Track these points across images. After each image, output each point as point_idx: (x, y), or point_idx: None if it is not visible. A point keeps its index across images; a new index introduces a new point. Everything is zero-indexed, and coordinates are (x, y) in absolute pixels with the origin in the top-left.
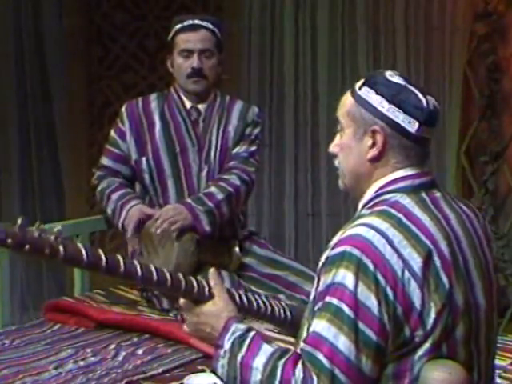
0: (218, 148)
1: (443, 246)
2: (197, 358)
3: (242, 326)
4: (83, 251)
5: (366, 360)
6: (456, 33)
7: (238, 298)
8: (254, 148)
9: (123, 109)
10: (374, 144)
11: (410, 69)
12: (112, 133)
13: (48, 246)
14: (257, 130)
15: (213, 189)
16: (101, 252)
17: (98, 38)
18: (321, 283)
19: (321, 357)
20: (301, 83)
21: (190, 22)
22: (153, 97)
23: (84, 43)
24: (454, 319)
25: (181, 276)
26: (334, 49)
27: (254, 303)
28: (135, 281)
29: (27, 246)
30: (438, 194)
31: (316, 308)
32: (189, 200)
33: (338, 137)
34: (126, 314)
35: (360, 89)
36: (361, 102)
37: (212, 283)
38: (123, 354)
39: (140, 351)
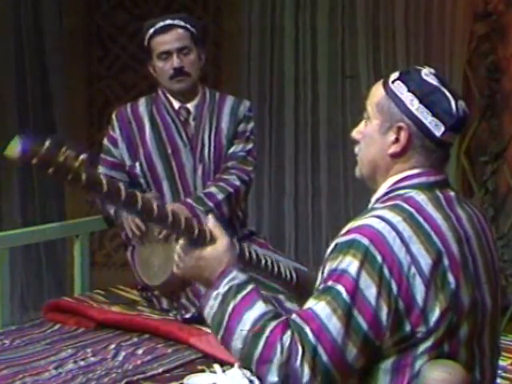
0: (212, 146)
1: (454, 246)
2: (197, 358)
3: (242, 276)
4: (104, 182)
5: (351, 347)
6: (456, 33)
7: (247, 252)
8: (250, 146)
9: (113, 116)
10: (397, 140)
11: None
12: (105, 141)
13: (72, 172)
14: (250, 126)
15: (213, 189)
16: (121, 185)
17: (97, 38)
18: (326, 268)
19: (308, 331)
20: (301, 83)
21: (161, 23)
22: (141, 101)
23: (84, 43)
24: (459, 319)
25: (182, 216)
26: (333, 49)
27: (263, 259)
28: (135, 213)
29: (51, 169)
30: (451, 193)
31: (317, 289)
32: (189, 200)
33: (362, 124)
34: (125, 314)
35: (393, 82)
36: (391, 95)
37: (211, 227)
38: (123, 354)
39: (140, 351)
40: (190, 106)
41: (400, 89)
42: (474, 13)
